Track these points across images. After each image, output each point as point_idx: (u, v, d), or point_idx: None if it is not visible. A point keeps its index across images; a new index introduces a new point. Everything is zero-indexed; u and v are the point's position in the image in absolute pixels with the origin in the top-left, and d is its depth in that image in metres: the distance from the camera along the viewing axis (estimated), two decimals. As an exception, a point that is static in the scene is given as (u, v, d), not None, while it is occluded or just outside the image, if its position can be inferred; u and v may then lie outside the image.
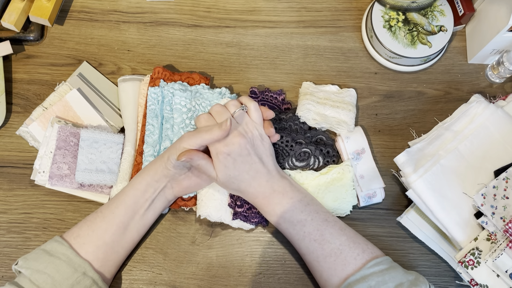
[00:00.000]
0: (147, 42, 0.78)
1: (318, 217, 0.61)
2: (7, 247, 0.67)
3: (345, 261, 0.58)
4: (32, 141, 0.70)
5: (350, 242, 0.59)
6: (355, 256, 0.58)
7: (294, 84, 0.76)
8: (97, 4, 0.80)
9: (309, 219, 0.60)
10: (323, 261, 0.59)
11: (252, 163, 0.61)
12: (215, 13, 0.80)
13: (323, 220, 0.61)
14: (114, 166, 0.68)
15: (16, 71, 0.75)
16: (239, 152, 0.60)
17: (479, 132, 0.66)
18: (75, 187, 0.67)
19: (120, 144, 0.69)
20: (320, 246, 0.59)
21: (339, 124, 0.70)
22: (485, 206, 0.62)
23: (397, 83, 0.77)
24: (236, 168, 0.60)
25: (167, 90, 0.69)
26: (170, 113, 0.69)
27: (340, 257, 0.58)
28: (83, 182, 0.66)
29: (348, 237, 0.60)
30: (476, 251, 0.61)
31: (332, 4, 0.81)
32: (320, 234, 0.59)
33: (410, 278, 0.56)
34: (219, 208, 0.66)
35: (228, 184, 0.61)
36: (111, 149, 0.68)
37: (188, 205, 0.68)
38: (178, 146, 0.60)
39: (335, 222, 0.61)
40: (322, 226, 0.60)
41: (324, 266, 0.59)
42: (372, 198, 0.68)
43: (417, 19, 0.75)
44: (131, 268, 0.66)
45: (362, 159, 0.69)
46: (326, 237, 0.59)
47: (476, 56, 0.76)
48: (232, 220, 0.66)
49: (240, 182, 0.61)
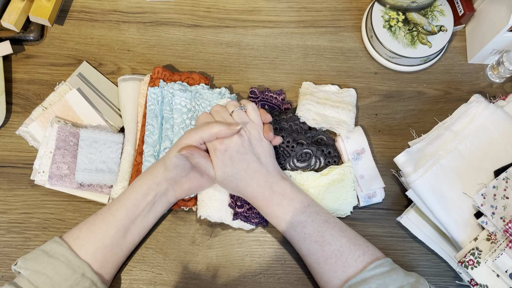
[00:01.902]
0: (147, 42, 0.78)
1: (318, 218, 0.60)
2: (7, 247, 0.67)
3: (345, 263, 0.58)
4: (32, 141, 0.70)
5: (350, 243, 0.59)
6: (356, 258, 0.58)
7: (294, 84, 0.76)
8: (97, 4, 0.80)
9: (310, 221, 0.60)
10: (323, 263, 0.59)
11: (250, 161, 0.61)
12: (215, 13, 0.80)
13: (324, 221, 0.60)
14: (114, 165, 0.68)
15: (16, 71, 0.75)
16: (236, 149, 0.60)
17: (479, 132, 0.66)
18: (75, 187, 0.67)
19: (119, 143, 0.69)
20: (320, 248, 0.59)
21: (339, 124, 0.70)
22: (485, 206, 0.62)
23: (397, 83, 0.77)
24: (234, 165, 0.60)
25: (167, 90, 0.69)
26: (170, 113, 0.69)
27: (340, 259, 0.58)
28: (83, 182, 0.66)
29: (348, 239, 0.59)
30: (476, 251, 0.61)
31: (332, 4, 0.81)
32: (321, 235, 0.59)
33: (411, 281, 0.56)
34: (220, 208, 0.66)
35: (227, 182, 0.61)
36: (111, 148, 0.68)
37: (188, 205, 0.68)
38: (179, 143, 0.61)
39: (336, 223, 0.61)
40: (322, 228, 0.60)
41: (325, 268, 0.59)
42: (372, 198, 0.68)
43: (417, 19, 0.75)
44: (131, 268, 0.66)
45: (362, 159, 0.69)
46: (326, 238, 0.59)
47: (476, 56, 0.76)
48: (233, 220, 0.66)
49: (239, 181, 0.61)
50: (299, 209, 0.60)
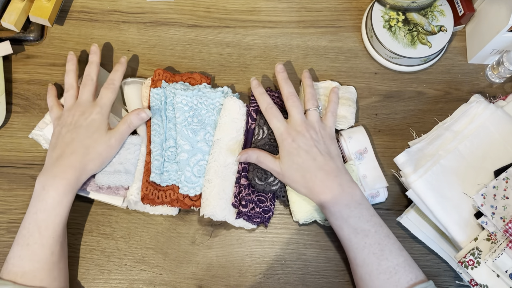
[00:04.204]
0: (147, 42, 0.78)
1: (381, 231, 0.59)
2: (7, 247, 0.67)
3: (398, 283, 0.57)
4: (46, 144, 0.69)
5: (406, 264, 0.58)
6: (408, 280, 0.57)
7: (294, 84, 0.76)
8: (97, 4, 0.80)
9: (373, 231, 0.58)
10: (375, 277, 0.57)
11: (319, 153, 0.61)
12: (215, 13, 0.80)
13: (386, 235, 0.59)
14: (131, 166, 0.67)
15: (16, 71, 0.75)
16: (303, 141, 0.61)
17: (479, 132, 0.66)
18: (94, 190, 0.67)
19: (137, 145, 0.68)
20: (377, 261, 0.57)
21: (339, 120, 0.70)
22: (485, 206, 0.62)
23: (397, 83, 0.77)
24: (300, 155, 0.60)
25: (169, 90, 0.69)
26: (172, 112, 0.69)
27: (394, 277, 0.57)
28: (103, 184, 0.66)
29: (405, 259, 0.58)
30: (476, 251, 0.61)
31: (332, 4, 0.81)
32: (381, 249, 0.58)
33: None
34: (224, 208, 0.66)
35: (293, 172, 0.60)
36: (129, 150, 0.68)
37: (196, 205, 0.67)
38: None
39: (396, 240, 0.60)
40: (384, 241, 0.58)
41: (376, 282, 0.57)
42: (375, 197, 0.68)
43: (417, 19, 0.75)
44: (131, 268, 0.66)
45: (365, 159, 0.69)
46: (385, 253, 0.58)
47: (476, 56, 0.76)
48: (235, 219, 0.66)
49: (305, 171, 0.60)
50: (365, 216, 0.59)
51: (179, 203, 0.67)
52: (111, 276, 0.66)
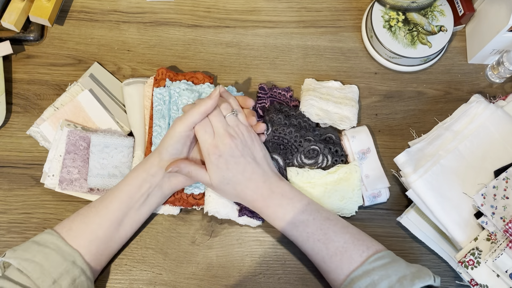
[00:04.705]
0: (147, 42, 0.78)
1: (319, 216, 0.60)
2: (7, 247, 0.67)
3: (351, 259, 0.57)
4: (43, 141, 0.70)
5: (354, 239, 0.59)
6: (361, 253, 0.58)
7: (294, 84, 0.76)
8: (97, 4, 0.80)
9: (311, 219, 0.60)
10: (329, 261, 0.58)
11: (246, 163, 0.61)
12: (215, 13, 0.80)
13: (325, 218, 0.60)
14: (126, 170, 0.67)
15: (16, 71, 0.75)
16: (230, 153, 0.60)
17: (479, 132, 0.66)
18: (85, 191, 0.67)
19: (130, 147, 0.68)
20: (324, 246, 0.59)
21: (342, 120, 0.70)
22: (485, 206, 0.62)
23: (397, 83, 0.77)
24: (230, 169, 0.60)
25: (173, 89, 0.69)
26: (176, 112, 0.69)
27: (345, 255, 0.58)
28: (96, 187, 0.66)
29: (351, 235, 0.59)
30: (476, 251, 0.61)
31: (332, 4, 0.81)
32: (324, 233, 0.59)
33: (413, 270, 0.56)
34: (227, 205, 0.66)
35: (223, 186, 0.61)
36: (122, 153, 0.68)
37: (199, 204, 0.67)
38: (171, 133, 0.61)
39: (338, 220, 0.61)
40: (324, 225, 0.59)
41: (331, 266, 0.58)
42: (377, 197, 0.68)
43: (417, 19, 0.75)
44: (131, 268, 0.66)
45: (368, 159, 0.69)
46: (329, 236, 0.59)
47: (476, 56, 0.76)
48: (239, 216, 0.66)
49: (236, 185, 0.61)
50: (299, 208, 0.60)
51: (182, 202, 0.67)
52: (111, 276, 0.66)
